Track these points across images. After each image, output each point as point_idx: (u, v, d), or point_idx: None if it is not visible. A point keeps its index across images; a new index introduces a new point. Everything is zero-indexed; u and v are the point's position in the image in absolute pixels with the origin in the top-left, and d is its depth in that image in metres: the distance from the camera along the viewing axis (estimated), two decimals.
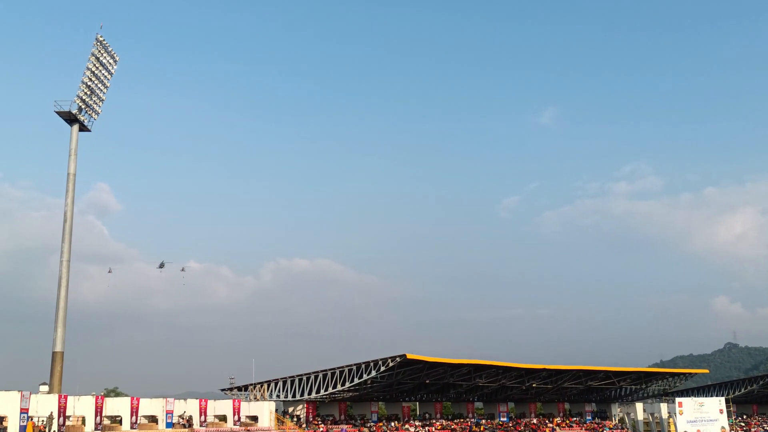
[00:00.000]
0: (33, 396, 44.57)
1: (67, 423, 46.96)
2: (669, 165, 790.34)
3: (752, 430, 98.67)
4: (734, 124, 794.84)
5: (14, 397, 41.84)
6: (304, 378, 74.06)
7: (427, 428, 80.00)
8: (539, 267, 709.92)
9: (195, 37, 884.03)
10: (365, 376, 68.58)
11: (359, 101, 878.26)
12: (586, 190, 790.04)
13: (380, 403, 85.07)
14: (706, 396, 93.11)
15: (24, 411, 42.38)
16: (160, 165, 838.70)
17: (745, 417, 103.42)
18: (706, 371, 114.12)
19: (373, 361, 67.78)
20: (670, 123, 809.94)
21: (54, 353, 60.81)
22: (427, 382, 79.02)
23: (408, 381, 76.96)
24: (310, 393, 73.38)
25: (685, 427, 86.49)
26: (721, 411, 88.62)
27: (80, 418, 48.86)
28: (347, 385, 70.19)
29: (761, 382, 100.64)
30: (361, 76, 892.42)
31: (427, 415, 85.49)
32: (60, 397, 47.12)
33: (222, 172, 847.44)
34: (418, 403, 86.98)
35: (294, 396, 74.95)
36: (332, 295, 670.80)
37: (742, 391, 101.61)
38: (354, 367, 69.57)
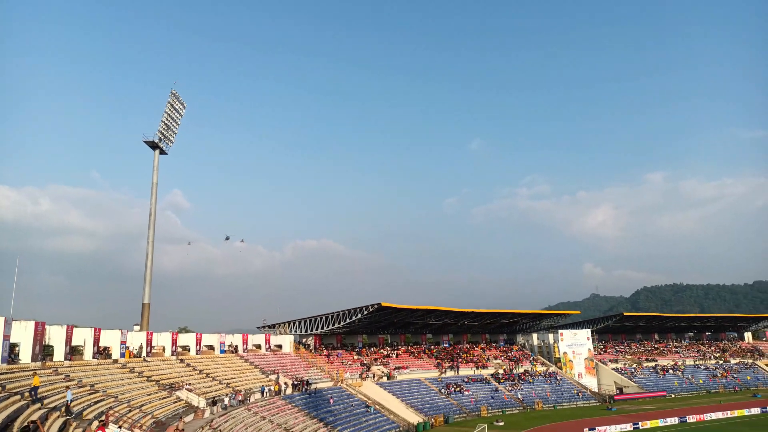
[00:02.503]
0: (129, 333, 44.27)
1: (152, 351, 46.60)
2: (555, 177, 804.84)
3: (607, 349, 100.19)
4: (598, 152, 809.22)
5: (116, 333, 41.53)
6: (313, 319, 73.92)
7: (395, 352, 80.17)
8: (470, 244, 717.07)
9: (239, 87, 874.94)
10: (354, 318, 68.61)
11: (355, 137, 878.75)
12: (501, 193, 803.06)
13: (364, 335, 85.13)
14: (578, 329, 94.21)
15: (123, 343, 42.10)
16: (216, 177, 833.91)
17: (603, 342, 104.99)
18: (578, 312, 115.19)
19: (359, 307, 67.80)
20: (555, 150, 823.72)
21: (143, 304, 60.33)
22: (395, 321, 79.31)
23: (382, 320, 77.18)
24: (316, 329, 73.28)
25: (564, 349, 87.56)
26: (588, 338, 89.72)
27: (161, 347, 48.50)
28: (341, 323, 70.16)
29: (614, 320, 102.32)
30: (356, 120, 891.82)
31: (395, 343, 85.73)
32: (147, 333, 46.73)
33: (260, 181, 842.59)
34: (389, 335, 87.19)
35: (306, 331, 74.79)
36: (332, 265, 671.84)
37: (602, 325, 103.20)
38: (346, 311, 69.53)
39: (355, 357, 74.43)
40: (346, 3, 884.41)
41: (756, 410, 65.83)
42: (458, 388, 71.25)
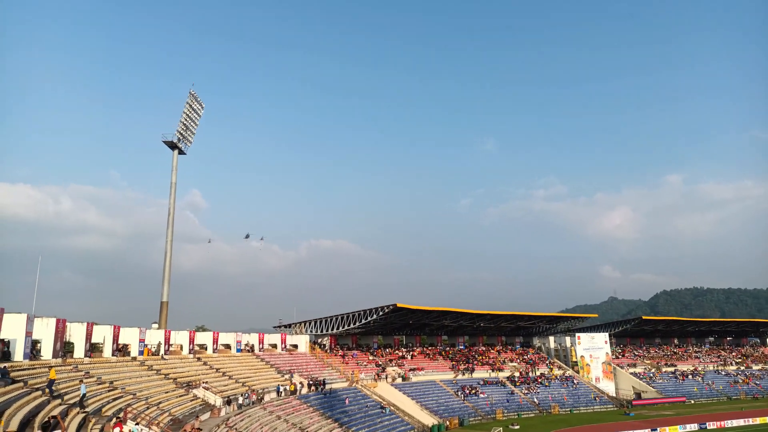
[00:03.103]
0: (147, 331, 44.68)
1: (170, 349, 47.06)
2: (570, 178, 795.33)
3: (626, 354, 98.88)
4: (615, 154, 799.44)
5: (135, 331, 41.98)
6: (328, 319, 74.11)
7: (410, 353, 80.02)
8: (484, 245, 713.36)
9: (257, 87, 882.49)
10: (369, 318, 68.65)
11: (370, 137, 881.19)
12: (516, 195, 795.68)
13: (379, 336, 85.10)
14: (595, 332, 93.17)
15: (141, 341, 42.53)
16: (233, 178, 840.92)
17: (621, 346, 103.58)
18: (596, 315, 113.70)
19: (374, 308, 67.85)
20: (571, 151, 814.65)
21: (162, 302, 60.96)
22: (411, 322, 79.21)
23: (397, 321, 77.11)
24: (332, 329, 73.45)
25: (581, 352, 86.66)
26: (605, 342, 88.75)
27: (179, 346, 48.94)
28: (357, 323, 70.25)
29: (632, 323, 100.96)
30: (372, 120, 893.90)
31: (410, 344, 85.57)
32: (165, 331, 47.18)
33: (275, 182, 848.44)
34: (404, 336, 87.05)
35: (321, 331, 75.00)
36: (346, 264, 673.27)
37: (620, 329, 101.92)
38: (362, 312, 69.61)
39: (371, 358, 74.41)
40: (362, 3, 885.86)
41: None
42: (473, 391, 70.86)
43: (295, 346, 67.55)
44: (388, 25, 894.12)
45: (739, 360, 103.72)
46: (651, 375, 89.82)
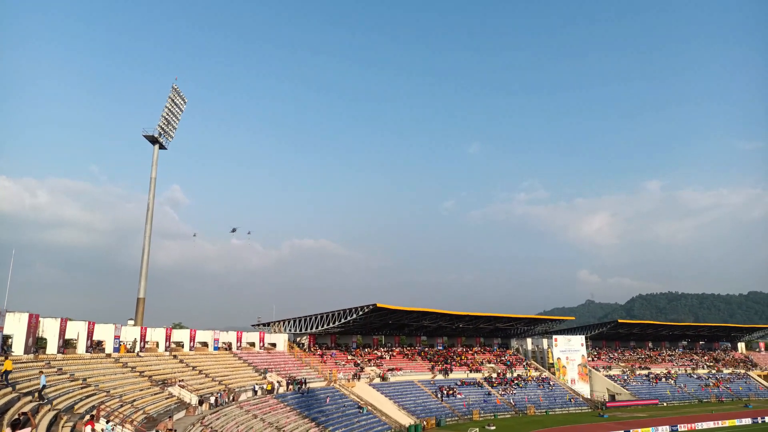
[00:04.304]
0: (123, 327, 44.15)
1: (146, 346, 46.52)
2: (552, 183, 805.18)
3: (601, 356, 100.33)
4: (596, 159, 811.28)
5: (110, 328, 41.45)
6: (308, 318, 73.86)
7: (389, 353, 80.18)
8: (467, 247, 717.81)
9: (240, 83, 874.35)
10: (349, 318, 68.56)
11: (354, 135, 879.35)
12: (499, 198, 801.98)
13: (358, 335, 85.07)
14: (572, 335, 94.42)
15: (117, 337, 42.01)
16: (216, 173, 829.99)
17: (597, 349, 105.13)
18: (573, 318, 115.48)
19: (354, 307, 67.77)
20: (553, 156, 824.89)
21: (138, 298, 60.20)
22: (390, 322, 79.33)
23: (377, 321, 77.19)
24: (311, 328, 73.23)
25: (558, 354, 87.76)
26: (582, 344, 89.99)
27: (155, 343, 48.42)
28: (337, 323, 70.12)
29: (608, 326, 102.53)
30: (356, 119, 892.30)
31: (389, 345, 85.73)
32: (141, 328, 46.62)
33: (258, 179, 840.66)
34: (383, 336, 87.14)
35: (300, 330, 74.74)
36: (329, 264, 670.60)
37: (596, 332, 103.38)
38: (341, 311, 69.48)
39: (349, 357, 74.37)
40: (347, 0, 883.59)
41: (747, 420, 65.98)
42: (451, 391, 71.29)
43: (274, 345, 67.23)
44: (376, 20, 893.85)
45: (711, 364, 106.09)
46: (625, 377, 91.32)
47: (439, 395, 69.81)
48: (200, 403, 38.63)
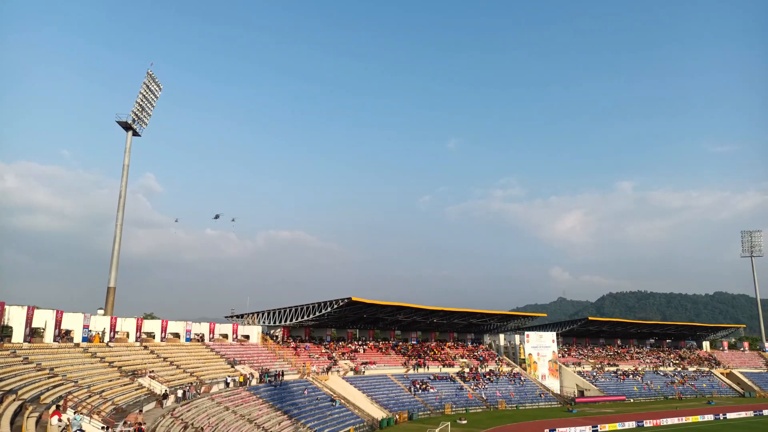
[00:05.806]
0: (93, 317, 43.33)
1: (116, 336, 45.75)
2: (528, 180, 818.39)
3: (571, 353, 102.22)
4: (572, 158, 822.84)
5: (79, 317, 40.67)
6: (282, 310, 73.50)
7: (363, 347, 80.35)
8: (444, 242, 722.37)
9: (219, 71, 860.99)
10: (323, 311, 68.46)
11: (333, 127, 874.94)
12: (475, 194, 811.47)
13: (333, 329, 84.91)
14: (544, 331, 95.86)
15: (86, 327, 41.26)
16: (190, 161, 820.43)
17: (567, 345, 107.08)
18: (545, 315, 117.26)
19: (329, 300, 67.65)
20: (529, 153, 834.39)
21: (109, 288, 59.18)
22: (365, 316, 79.41)
23: (352, 315, 77.21)
24: (285, 320, 72.91)
25: (530, 350, 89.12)
26: (553, 341, 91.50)
27: (125, 333, 47.63)
28: (311, 316, 69.93)
29: (579, 324, 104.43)
30: (335, 110, 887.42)
31: (363, 338, 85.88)
32: (111, 318, 45.80)
33: (234, 168, 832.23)
34: (358, 329, 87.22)
35: (274, 322, 74.34)
36: (304, 256, 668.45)
37: (567, 329, 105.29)
38: (316, 304, 69.28)
39: (323, 350, 74.30)
40: None
41: (709, 417, 68.23)
42: (424, 386, 71.85)
43: (247, 337, 66.73)
44: (357, 14, 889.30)
45: (676, 362, 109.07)
46: (594, 374, 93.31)
47: (412, 389, 70.30)
48: (164, 396, 37.16)
